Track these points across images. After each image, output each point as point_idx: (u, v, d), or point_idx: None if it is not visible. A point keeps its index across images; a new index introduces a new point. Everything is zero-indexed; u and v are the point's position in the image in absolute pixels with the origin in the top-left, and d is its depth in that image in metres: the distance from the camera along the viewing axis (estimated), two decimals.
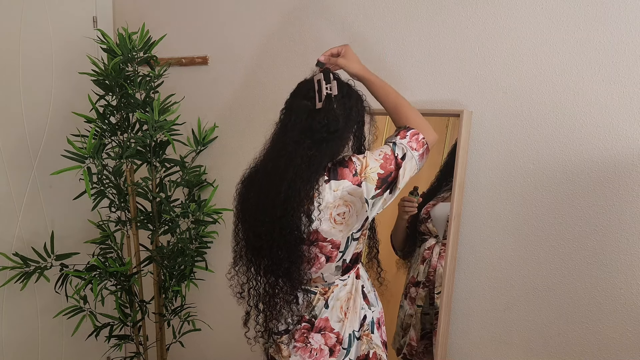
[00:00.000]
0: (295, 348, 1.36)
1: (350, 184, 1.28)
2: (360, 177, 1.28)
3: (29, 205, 2.18)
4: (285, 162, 1.27)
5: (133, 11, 2.29)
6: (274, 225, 1.27)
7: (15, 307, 2.17)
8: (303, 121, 1.29)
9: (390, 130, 1.72)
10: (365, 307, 1.40)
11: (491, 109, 1.57)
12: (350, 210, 1.30)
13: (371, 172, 1.28)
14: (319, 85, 1.29)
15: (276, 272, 1.31)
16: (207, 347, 2.33)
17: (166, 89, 2.10)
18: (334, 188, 1.28)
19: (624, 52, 1.39)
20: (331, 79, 1.31)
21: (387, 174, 1.30)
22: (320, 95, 1.29)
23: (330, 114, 1.29)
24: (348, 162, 1.30)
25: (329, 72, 1.33)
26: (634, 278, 1.42)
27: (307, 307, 1.36)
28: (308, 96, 1.32)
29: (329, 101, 1.30)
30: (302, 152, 1.27)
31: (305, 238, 1.28)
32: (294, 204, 1.25)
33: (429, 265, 1.62)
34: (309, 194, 1.25)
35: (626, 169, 1.41)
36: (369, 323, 1.40)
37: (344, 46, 1.45)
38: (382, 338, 1.44)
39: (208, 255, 2.16)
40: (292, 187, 1.24)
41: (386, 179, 1.29)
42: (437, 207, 1.58)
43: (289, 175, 1.25)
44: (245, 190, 1.38)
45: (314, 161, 1.27)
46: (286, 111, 1.35)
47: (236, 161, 2.10)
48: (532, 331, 1.57)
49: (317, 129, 1.28)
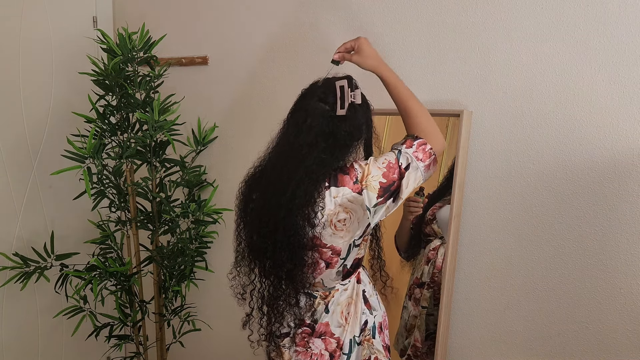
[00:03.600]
0: (296, 352, 1.36)
1: (351, 191, 1.27)
2: (361, 185, 1.27)
3: (29, 205, 2.18)
4: (296, 163, 1.25)
5: (133, 11, 2.29)
6: (277, 226, 1.26)
7: (15, 307, 2.17)
8: (323, 125, 1.26)
9: (390, 130, 1.72)
10: (367, 312, 1.39)
11: (491, 109, 1.57)
12: (351, 217, 1.29)
13: (373, 180, 1.26)
14: (341, 92, 1.27)
15: (279, 274, 1.30)
16: (207, 347, 2.33)
17: (166, 89, 2.09)
18: (333, 194, 1.27)
19: (624, 52, 1.39)
20: (354, 87, 1.30)
21: (390, 183, 1.28)
22: (343, 102, 1.27)
23: (355, 122, 1.28)
24: (349, 169, 1.28)
25: (352, 79, 1.31)
26: (634, 278, 1.42)
27: (308, 311, 1.35)
28: (326, 100, 1.29)
29: (354, 109, 1.29)
30: (316, 155, 1.25)
31: (307, 243, 1.26)
32: (299, 205, 1.23)
33: (433, 265, 1.62)
34: (314, 197, 1.24)
35: (626, 169, 1.41)
36: (370, 328, 1.38)
37: (357, 40, 1.40)
38: (384, 342, 1.43)
39: (208, 255, 2.16)
40: (300, 187, 1.23)
41: (389, 188, 1.28)
42: (443, 209, 1.58)
43: (299, 175, 1.23)
44: (249, 190, 1.36)
45: (325, 164, 1.25)
46: (299, 112, 1.31)
47: (236, 161, 2.10)
48: (532, 331, 1.57)
49: (340, 136, 1.27)
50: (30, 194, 2.19)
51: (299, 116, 1.30)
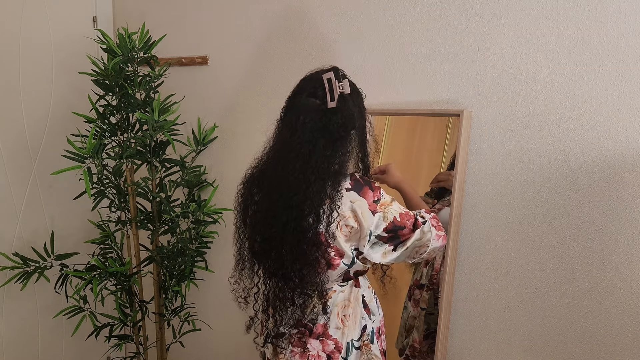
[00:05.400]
0: (293, 352, 1.35)
1: (367, 206, 1.27)
2: (378, 207, 1.28)
3: (29, 205, 2.18)
4: (301, 163, 1.23)
5: (133, 11, 2.29)
6: (286, 227, 1.24)
7: (15, 307, 2.17)
8: (316, 121, 1.25)
9: (389, 130, 1.72)
10: (366, 316, 1.39)
11: (491, 109, 1.57)
12: (357, 228, 1.29)
13: (391, 211, 1.29)
14: (329, 84, 1.26)
15: (286, 275, 1.29)
16: (207, 347, 2.33)
17: (166, 89, 2.10)
18: (351, 199, 1.26)
19: (624, 52, 1.39)
20: (342, 77, 1.28)
21: (401, 226, 1.30)
22: (333, 94, 1.25)
23: (346, 113, 1.27)
24: (376, 188, 1.30)
25: (338, 70, 1.30)
26: (634, 278, 1.42)
27: (306, 311, 1.35)
28: (316, 94, 1.27)
29: (344, 100, 1.27)
30: (319, 152, 1.24)
31: (317, 241, 1.25)
32: (313, 204, 1.22)
33: (432, 268, 1.62)
34: (331, 195, 1.23)
35: (626, 169, 1.41)
36: (369, 333, 1.38)
37: (387, 165, 1.56)
38: (381, 347, 1.43)
39: (208, 255, 2.16)
40: (310, 187, 1.22)
41: (396, 230, 1.30)
42: (443, 211, 1.58)
43: (309, 175, 1.22)
44: (249, 192, 1.36)
45: (333, 160, 1.25)
46: (291, 110, 1.30)
47: (236, 161, 2.10)
48: (532, 331, 1.57)
49: (334, 129, 1.25)
50: (30, 194, 2.19)
51: (291, 115, 1.29)
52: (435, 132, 1.66)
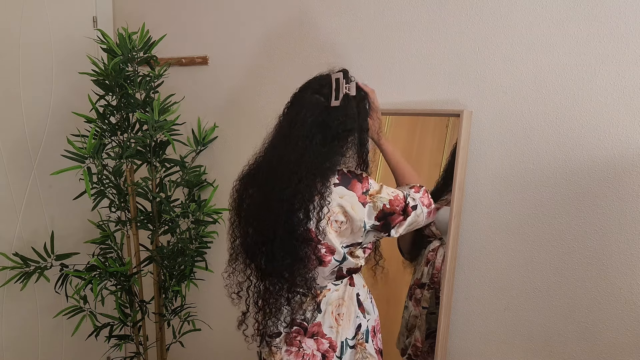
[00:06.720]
0: (288, 352, 1.35)
1: (357, 199, 1.27)
2: (367, 199, 1.28)
3: (29, 205, 2.18)
4: (296, 157, 1.24)
5: (133, 11, 2.29)
6: (277, 220, 1.25)
7: (15, 307, 2.17)
8: (316, 116, 1.27)
9: (390, 130, 1.72)
10: (360, 315, 1.39)
11: (491, 109, 1.57)
12: (348, 223, 1.29)
13: (380, 199, 1.28)
14: (337, 84, 1.29)
15: (277, 269, 1.29)
16: (207, 347, 2.33)
17: (166, 89, 2.10)
18: (340, 194, 1.27)
19: (624, 52, 1.39)
20: (349, 80, 1.31)
21: (390, 212, 1.30)
22: (338, 93, 1.28)
23: (348, 112, 1.28)
24: (364, 179, 1.29)
25: (347, 73, 1.33)
26: (634, 278, 1.42)
27: (300, 310, 1.35)
28: (321, 91, 1.30)
29: (347, 100, 1.29)
30: (315, 148, 1.25)
31: (307, 237, 1.26)
32: (303, 199, 1.23)
33: (432, 267, 1.62)
34: (321, 191, 1.24)
35: (626, 169, 1.41)
36: (363, 332, 1.38)
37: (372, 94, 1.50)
38: (376, 346, 1.42)
39: (208, 255, 2.16)
40: (302, 182, 1.22)
41: (386, 216, 1.29)
42: (441, 210, 1.58)
43: (301, 169, 1.23)
44: (244, 187, 1.36)
45: (327, 158, 1.25)
46: (294, 105, 1.32)
47: (236, 161, 2.09)
48: (532, 331, 1.57)
49: (333, 126, 1.26)
50: (30, 194, 2.19)
51: (293, 109, 1.32)
52: (435, 132, 1.66)
